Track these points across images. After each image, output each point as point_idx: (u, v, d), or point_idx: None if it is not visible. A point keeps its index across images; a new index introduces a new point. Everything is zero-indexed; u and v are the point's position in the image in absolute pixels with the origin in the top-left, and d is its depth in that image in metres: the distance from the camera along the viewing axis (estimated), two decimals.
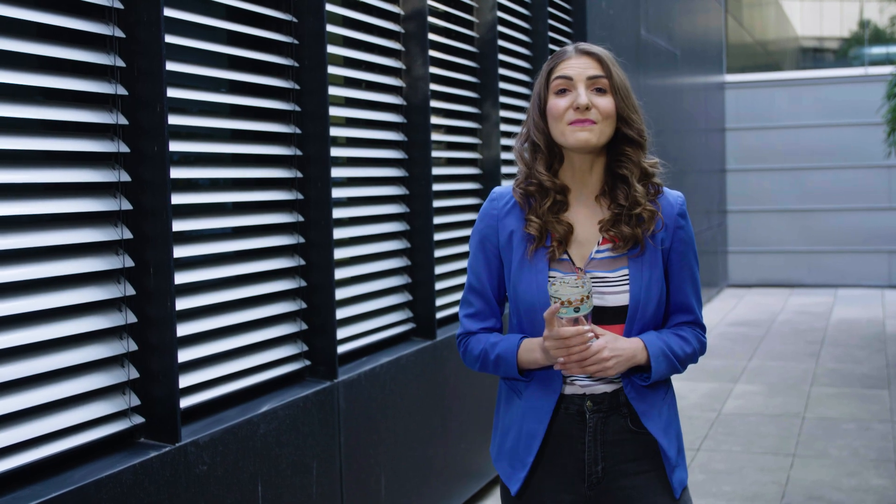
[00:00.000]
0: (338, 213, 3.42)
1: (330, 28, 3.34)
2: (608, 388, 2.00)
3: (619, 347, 1.92)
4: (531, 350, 1.98)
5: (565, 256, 1.99)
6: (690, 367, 5.26)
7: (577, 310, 1.84)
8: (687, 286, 2.06)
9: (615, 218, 1.98)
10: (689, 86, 10.32)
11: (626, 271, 1.98)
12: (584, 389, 2.00)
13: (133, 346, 2.48)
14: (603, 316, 1.97)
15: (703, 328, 2.12)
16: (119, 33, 2.44)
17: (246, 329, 2.97)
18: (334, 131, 3.37)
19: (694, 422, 5.73)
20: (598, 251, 1.99)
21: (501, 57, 4.87)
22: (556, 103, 1.95)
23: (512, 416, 2.06)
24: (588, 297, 1.85)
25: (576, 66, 1.95)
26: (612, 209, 1.99)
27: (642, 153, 2.00)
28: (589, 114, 1.93)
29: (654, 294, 1.98)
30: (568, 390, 2.01)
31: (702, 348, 2.11)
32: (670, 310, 2.08)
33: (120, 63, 2.44)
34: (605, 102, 1.94)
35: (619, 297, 1.97)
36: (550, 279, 1.93)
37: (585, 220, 2.01)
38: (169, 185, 2.47)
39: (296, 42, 3.18)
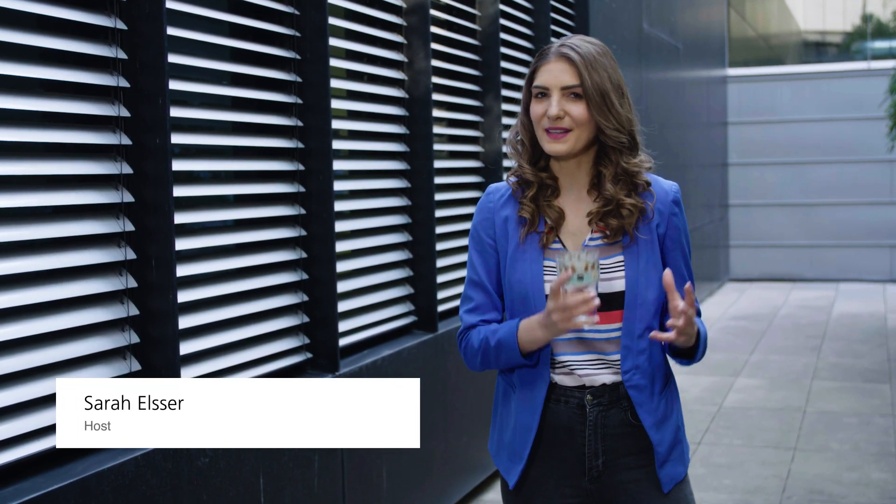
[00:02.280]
0: (339, 205, 3.42)
1: (332, 21, 3.34)
2: (608, 379, 1.99)
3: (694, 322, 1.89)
4: (530, 329, 1.94)
5: (558, 244, 1.99)
6: None
7: (580, 277, 1.81)
8: (682, 268, 2.03)
9: (602, 212, 1.97)
10: (691, 80, 10.31)
11: (620, 258, 1.97)
12: (582, 380, 1.99)
13: (135, 339, 2.49)
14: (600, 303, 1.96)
15: (698, 312, 2.05)
16: (121, 25, 2.44)
17: (248, 322, 2.97)
18: (336, 124, 3.36)
19: (695, 416, 5.74)
20: (591, 238, 1.99)
21: (503, 50, 4.86)
22: (535, 109, 1.97)
23: (509, 410, 2.06)
24: (593, 267, 1.82)
25: (552, 71, 1.95)
26: (598, 202, 1.99)
27: (621, 155, 1.97)
28: (561, 122, 1.93)
29: (653, 278, 1.97)
30: (567, 381, 2.00)
31: (705, 338, 2.05)
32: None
33: (122, 55, 2.44)
34: (579, 110, 1.93)
35: (614, 283, 1.96)
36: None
37: (576, 210, 2.01)
38: (171, 178, 2.47)
39: (298, 35, 3.18)
